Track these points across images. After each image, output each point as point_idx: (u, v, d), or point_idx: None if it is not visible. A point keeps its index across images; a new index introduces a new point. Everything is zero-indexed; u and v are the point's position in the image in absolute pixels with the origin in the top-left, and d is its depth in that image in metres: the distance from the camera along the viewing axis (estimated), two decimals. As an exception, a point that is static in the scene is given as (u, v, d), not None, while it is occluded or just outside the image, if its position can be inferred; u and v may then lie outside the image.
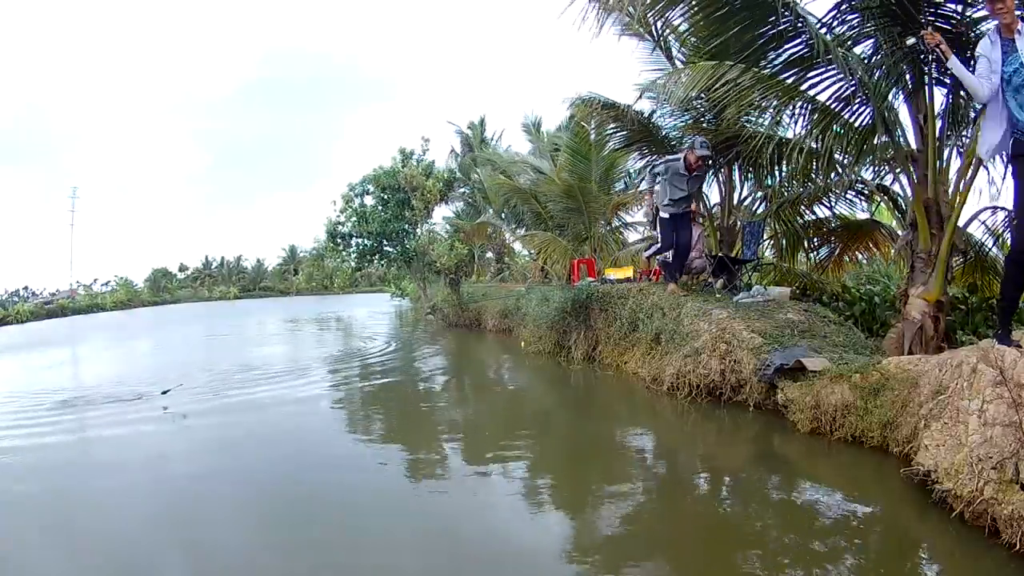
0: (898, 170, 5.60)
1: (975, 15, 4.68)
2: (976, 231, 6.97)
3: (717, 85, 5.37)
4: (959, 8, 4.62)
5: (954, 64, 3.48)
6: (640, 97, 7.58)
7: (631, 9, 5.39)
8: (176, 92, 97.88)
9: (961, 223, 5.33)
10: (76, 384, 7.93)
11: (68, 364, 11.54)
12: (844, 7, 4.82)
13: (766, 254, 9.59)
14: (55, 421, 5.35)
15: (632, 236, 14.73)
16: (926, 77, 5.08)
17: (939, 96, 5.22)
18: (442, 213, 22.53)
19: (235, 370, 8.07)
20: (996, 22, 3.28)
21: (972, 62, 3.47)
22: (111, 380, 7.60)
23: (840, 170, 6.83)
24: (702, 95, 7.39)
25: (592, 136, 11.67)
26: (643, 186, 7.31)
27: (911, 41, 4.79)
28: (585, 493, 3.55)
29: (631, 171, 12.75)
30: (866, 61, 5.31)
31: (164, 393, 5.57)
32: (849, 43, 5.26)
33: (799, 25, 4.66)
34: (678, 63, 7.52)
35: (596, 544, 2.88)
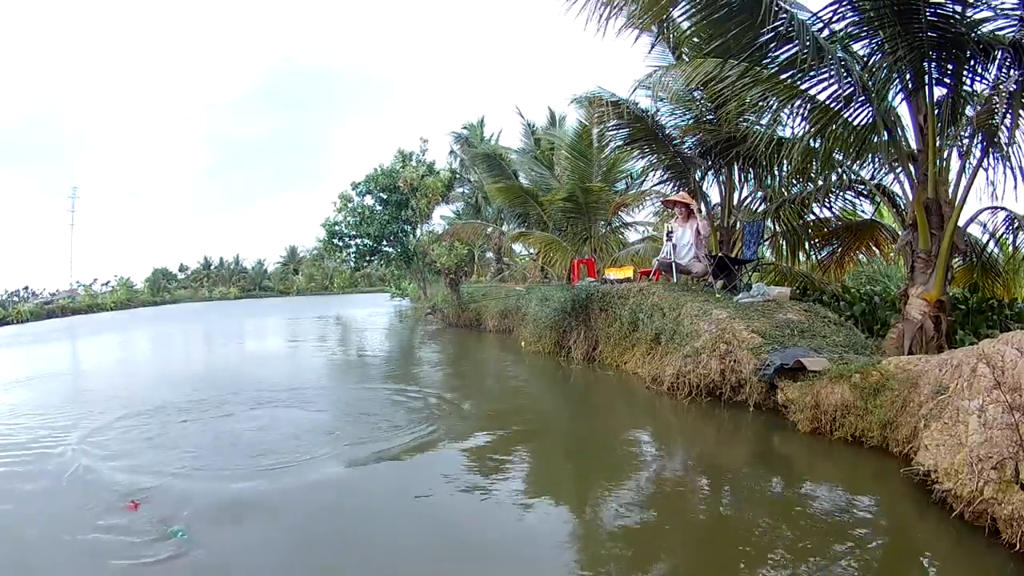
0: (898, 170, 5.60)
1: (976, 16, 4.68)
2: (976, 231, 6.99)
3: (716, 80, 5.37)
4: (959, 8, 4.61)
5: None
6: (636, 88, 7.57)
7: (632, 8, 5.38)
8: (180, 96, 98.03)
9: (961, 223, 5.33)
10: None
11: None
12: (844, 5, 4.81)
13: (766, 254, 9.60)
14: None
15: (632, 236, 14.76)
16: (926, 77, 5.08)
17: (939, 96, 5.23)
18: (442, 213, 22.62)
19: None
20: None
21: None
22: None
23: (840, 170, 6.84)
24: (703, 93, 7.41)
25: (595, 134, 11.68)
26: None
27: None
28: (585, 493, 3.55)
29: (632, 172, 12.78)
30: (866, 60, 5.32)
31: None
32: (848, 41, 5.26)
33: (794, 25, 4.66)
34: (684, 59, 7.52)
35: (597, 544, 2.88)
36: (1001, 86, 4.84)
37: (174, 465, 3.95)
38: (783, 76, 5.32)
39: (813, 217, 8.41)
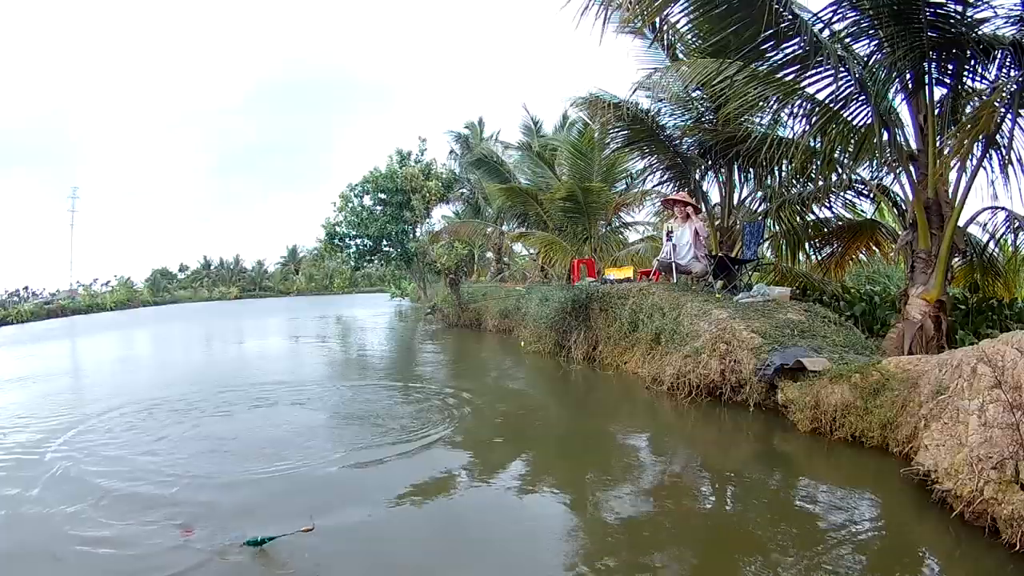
0: (898, 170, 5.61)
1: (976, 16, 4.67)
2: (976, 231, 6.99)
3: (716, 80, 5.37)
4: (959, 8, 4.61)
5: None
6: (636, 89, 7.57)
7: (630, 5, 5.38)
8: (181, 96, 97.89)
9: (961, 223, 5.34)
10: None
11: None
12: (844, 4, 4.81)
13: (766, 254, 9.60)
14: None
15: (632, 236, 14.77)
16: (926, 77, 5.08)
17: (939, 96, 5.23)
18: (442, 212, 22.63)
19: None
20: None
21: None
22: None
23: (840, 169, 6.84)
24: (702, 93, 7.41)
25: (596, 135, 11.68)
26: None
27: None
28: (586, 492, 3.55)
29: (633, 172, 12.79)
30: (866, 60, 5.32)
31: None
32: (848, 40, 5.26)
33: (794, 22, 4.67)
34: (679, 58, 7.51)
35: (597, 543, 2.88)
36: (1001, 86, 4.84)
37: (178, 470, 3.94)
38: (782, 74, 5.32)
39: (813, 217, 8.40)
